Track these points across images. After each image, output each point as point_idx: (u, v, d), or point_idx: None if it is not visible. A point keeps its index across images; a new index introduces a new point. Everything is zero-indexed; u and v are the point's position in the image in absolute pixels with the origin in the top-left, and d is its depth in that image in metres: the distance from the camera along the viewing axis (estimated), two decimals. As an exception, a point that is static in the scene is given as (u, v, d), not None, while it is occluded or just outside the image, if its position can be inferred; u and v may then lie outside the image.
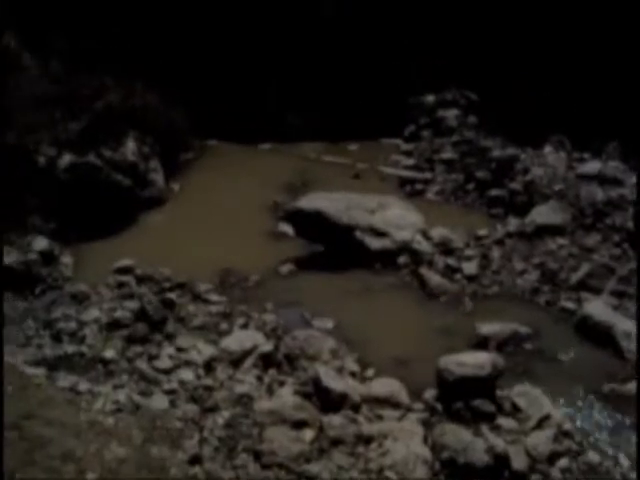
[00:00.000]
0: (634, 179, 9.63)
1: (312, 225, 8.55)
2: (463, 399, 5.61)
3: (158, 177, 10.98)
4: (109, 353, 6.19)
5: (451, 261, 8.25)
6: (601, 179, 9.93)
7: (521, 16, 12.85)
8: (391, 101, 13.74)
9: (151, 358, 6.13)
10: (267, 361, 6.14)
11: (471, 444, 5.17)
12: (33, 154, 9.54)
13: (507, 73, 13.06)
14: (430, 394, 5.87)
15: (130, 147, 10.72)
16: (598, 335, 6.95)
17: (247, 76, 14.48)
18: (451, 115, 13.06)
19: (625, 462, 5.36)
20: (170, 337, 6.48)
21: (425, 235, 8.54)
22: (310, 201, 8.71)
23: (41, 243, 8.35)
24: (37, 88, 10.90)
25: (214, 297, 7.55)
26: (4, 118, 9.52)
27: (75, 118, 10.69)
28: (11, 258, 7.77)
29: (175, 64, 12.90)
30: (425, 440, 5.33)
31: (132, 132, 11.08)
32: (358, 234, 8.29)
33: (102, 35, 12.24)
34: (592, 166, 10.41)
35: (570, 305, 7.58)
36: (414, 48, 14.88)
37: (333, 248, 8.56)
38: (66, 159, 9.70)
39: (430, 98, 13.65)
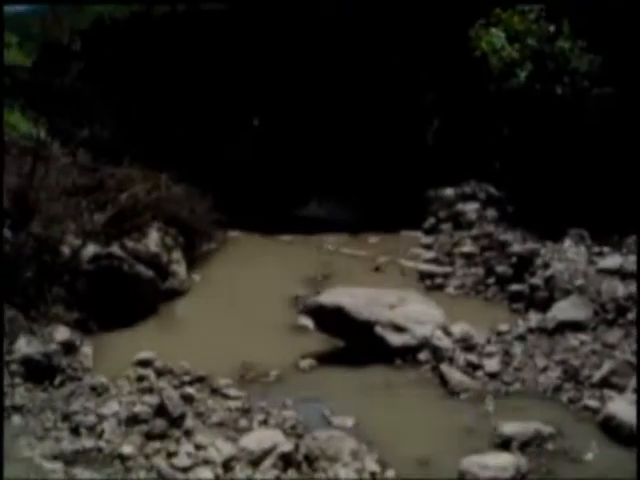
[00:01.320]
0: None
1: (333, 320, 8.53)
2: (486, 503, 5.47)
3: (180, 268, 11.12)
4: (127, 449, 6.09)
5: (472, 357, 8.15)
6: (622, 274, 9.84)
7: (538, 114, 13.06)
8: (411, 193, 13.95)
9: (169, 455, 6.03)
10: (287, 461, 6.01)
11: None
12: (58, 244, 9.68)
13: (526, 167, 13.21)
14: (452, 497, 5.72)
15: (153, 238, 10.91)
16: (622, 434, 6.76)
17: (268, 168, 14.83)
18: (470, 209, 13.20)
19: None
20: (189, 433, 6.39)
21: (446, 331, 8.49)
22: (331, 296, 8.74)
23: (63, 333, 8.35)
24: (65, 178, 11.19)
25: (233, 392, 7.46)
26: (31, 208, 9.74)
27: (101, 209, 10.93)
28: (32, 348, 7.75)
29: (199, 157, 13.26)
30: None
31: (156, 223, 11.29)
32: (379, 329, 8.26)
33: (129, 128, 12.64)
34: (612, 261, 10.34)
35: (593, 403, 7.39)
36: (434, 141, 15.25)
37: (354, 343, 8.52)
38: (90, 250, 9.85)
39: (449, 191, 13.84)
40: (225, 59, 16.99)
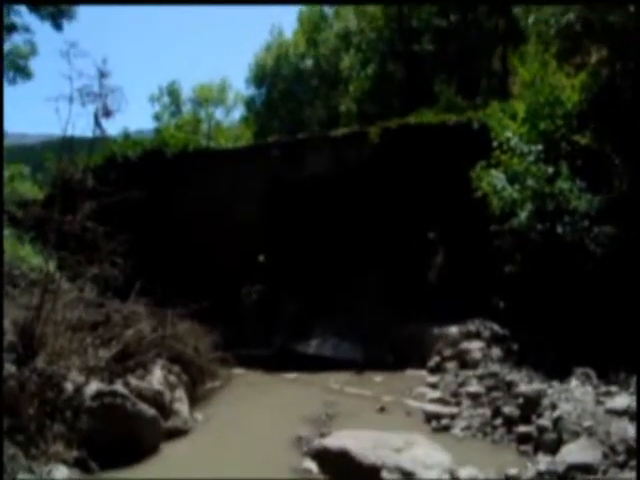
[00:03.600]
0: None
1: (338, 464, 8.34)
2: None
3: (183, 407, 11.00)
4: None
5: (481, 504, 7.96)
6: (631, 414, 9.71)
7: (539, 253, 13.25)
8: (415, 331, 13.97)
9: None
10: None
11: None
12: (62, 380, 9.63)
13: (529, 305, 13.26)
14: None
15: (157, 376, 10.87)
16: None
17: (272, 305, 14.92)
18: (475, 347, 13.18)
19: None
20: None
21: (453, 475, 8.29)
22: (336, 439, 8.59)
23: (62, 472, 8.23)
24: (71, 313, 11.25)
25: (237, 540, 7.27)
26: (37, 342, 9.75)
27: (106, 345, 10.94)
28: (30, 488, 7.62)
29: (204, 294, 13.37)
30: None
31: (160, 360, 11.28)
32: (385, 474, 8.07)
33: (138, 266, 12.80)
34: (620, 401, 10.22)
35: None
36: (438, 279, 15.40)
37: (359, 488, 8.32)
38: (93, 387, 9.79)
39: (454, 329, 13.87)
40: (234, 198, 17.46)
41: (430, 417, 11.15)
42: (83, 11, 19.63)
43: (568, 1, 13.87)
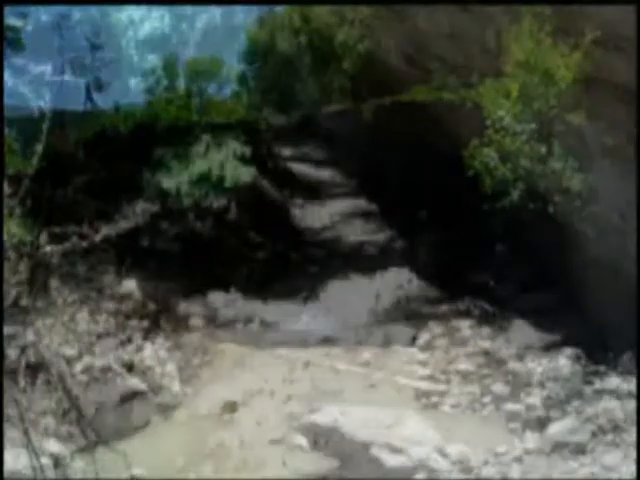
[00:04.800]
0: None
1: (327, 439, 8.43)
2: None
3: (173, 382, 11.02)
4: None
5: (469, 480, 8.02)
6: (618, 394, 9.79)
7: (531, 232, 13.27)
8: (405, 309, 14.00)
9: None
10: None
11: None
12: (53, 355, 9.61)
13: (519, 283, 13.32)
14: None
15: (148, 351, 10.90)
16: None
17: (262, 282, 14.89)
18: (465, 325, 13.24)
19: None
20: None
21: (442, 452, 8.36)
22: (326, 415, 8.67)
23: (53, 447, 8.24)
24: (63, 288, 11.22)
25: (226, 512, 7.32)
26: (27, 317, 9.71)
27: (98, 320, 10.93)
28: (21, 462, 7.60)
29: (196, 270, 13.37)
30: None
31: (151, 335, 11.28)
32: (374, 450, 8.15)
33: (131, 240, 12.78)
34: (609, 381, 10.30)
35: (594, 529, 7.26)
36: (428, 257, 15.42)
37: (349, 463, 8.38)
38: (85, 361, 9.81)
39: (444, 307, 13.89)
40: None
41: (420, 394, 11.21)
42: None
43: (566, 1, 13.76)
